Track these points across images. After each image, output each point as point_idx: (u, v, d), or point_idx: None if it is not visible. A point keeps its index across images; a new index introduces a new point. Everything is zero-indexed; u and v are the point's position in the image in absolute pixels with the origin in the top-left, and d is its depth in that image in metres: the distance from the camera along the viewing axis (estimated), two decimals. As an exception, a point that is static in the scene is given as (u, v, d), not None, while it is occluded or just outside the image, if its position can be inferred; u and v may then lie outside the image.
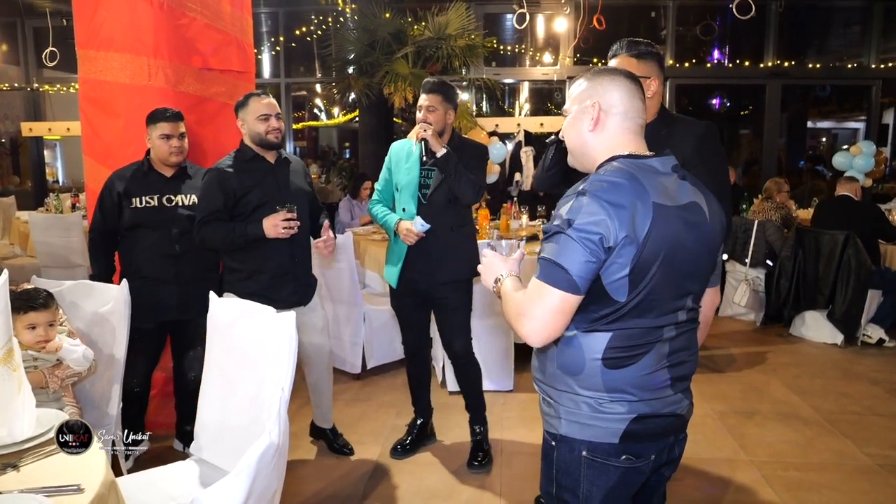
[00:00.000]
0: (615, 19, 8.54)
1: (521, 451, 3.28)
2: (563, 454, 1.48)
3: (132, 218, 2.89)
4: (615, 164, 1.42)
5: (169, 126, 2.87)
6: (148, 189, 2.90)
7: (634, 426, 1.42)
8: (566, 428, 1.46)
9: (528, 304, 1.37)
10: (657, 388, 1.45)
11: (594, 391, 1.42)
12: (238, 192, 2.78)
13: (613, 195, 1.33)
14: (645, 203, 1.34)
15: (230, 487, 1.19)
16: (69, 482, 1.42)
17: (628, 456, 1.44)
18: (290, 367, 1.82)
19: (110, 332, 2.61)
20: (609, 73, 1.51)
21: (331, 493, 2.89)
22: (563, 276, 1.32)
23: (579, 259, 1.31)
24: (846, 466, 3.15)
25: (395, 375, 4.30)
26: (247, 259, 2.81)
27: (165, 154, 2.89)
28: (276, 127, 2.80)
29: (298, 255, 2.91)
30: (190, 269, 2.93)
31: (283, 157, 2.93)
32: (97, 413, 2.58)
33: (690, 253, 1.43)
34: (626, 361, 1.42)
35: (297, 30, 8.73)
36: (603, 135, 1.48)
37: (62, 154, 11.20)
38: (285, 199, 2.75)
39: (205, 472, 2.10)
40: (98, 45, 3.18)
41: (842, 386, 4.25)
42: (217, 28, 3.38)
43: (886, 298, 5.04)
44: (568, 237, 1.32)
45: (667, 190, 1.41)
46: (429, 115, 2.85)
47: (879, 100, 8.99)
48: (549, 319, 1.35)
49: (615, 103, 1.47)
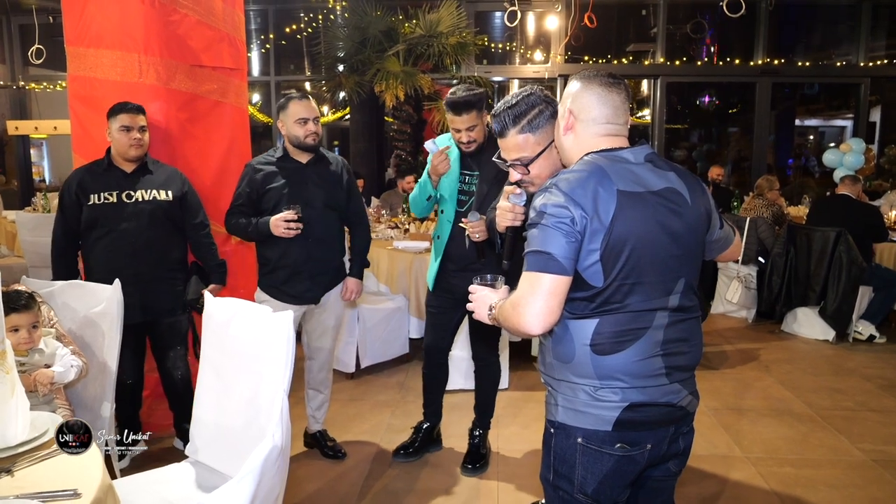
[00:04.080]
0: (606, 17, 8.55)
1: (517, 450, 3.27)
2: (560, 441, 1.52)
3: (89, 215, 2.82)
4: (585, 159, 1.50)
5: (129, 118, 2.81)
6: (107, 185, 2.84)
7: (627, 414, 1.45)
8: (563, 415, 1.51)
9: (521, 297, 1.41)
10: (650, 376, 1.47)
11: (587, 378, 1.47)
12: (261, 189, 2.86)
13: (574, 186, 1.41)
14: (608, 190, 1.41)
15: (235, 492, 1.17)
16: (65, 487, 1.39)
17: (622, 444, 1.46)
18: (289, 367, 1.79)
19: (102, 334, 2.57)
20: (585, 79, 1.57)
21: (328, 494, 2.87)
22: (549, 260, 1.38)
23: (560, 241, 1.38)
24: (841, 462, 3.17)
25: (390, 375, 4.28)
26: (269, 253, 2.91)
27: (125, 147, 2.82)
28: (313, 131, 2.84)
29: (315, 254, 2.90)
30: (151, 269, 2.87)
31: (320, 157, 2.95)
32: (90, 415, 2.54)
33: (674, 236, 1.47)
34: (616, 347, 1.45)
35: (287, 27, 8.67)
36: (574, 139, 1.57)
37: (49, 153, 11.06)
38: (300, 201, 2.80)
39: (201, 475, 2.07)
40: (88, 42, 3.14)
41: (834, 382, 4.27)
42: (209, 24, 3.34)
43: (877, 295, 5.08)
44: (544, 226, 1.40)
45: (637, 177, 1.46)
46: (470, 134, 2.70)
47: (868, 98, 9.06)
48: (543, 304, 1.38)
49: (585, 108, 1.54)
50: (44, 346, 2.28)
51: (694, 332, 1.55)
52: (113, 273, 2.66)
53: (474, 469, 3.04)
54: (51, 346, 2.30)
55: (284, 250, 2.86)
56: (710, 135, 12.75)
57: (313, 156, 2.93)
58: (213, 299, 2.17)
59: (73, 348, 2.39)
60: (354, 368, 4.21)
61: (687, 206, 1.50)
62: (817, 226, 5.20)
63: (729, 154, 11.59)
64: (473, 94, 2.65)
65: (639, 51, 9.43)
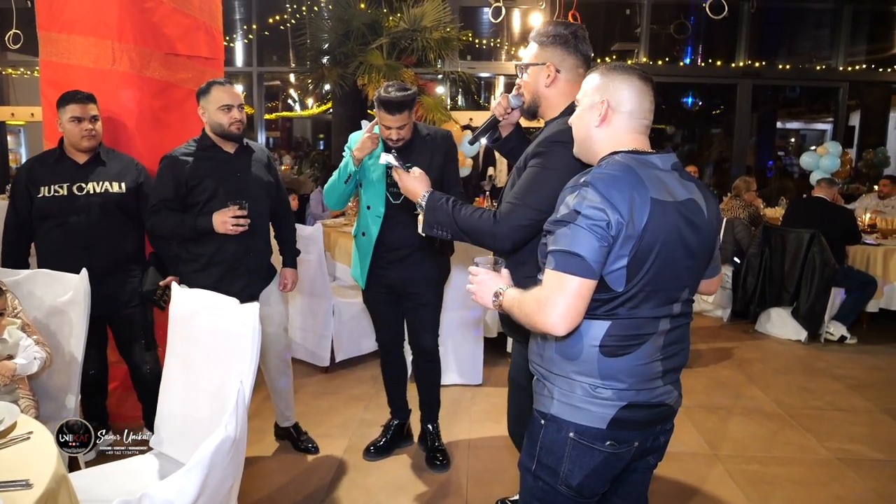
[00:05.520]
0: (590, 15, 8.56)
1: (489, 445, 3.29)
2: (551, 433, 1.52)
3: (40, 208, 2.75)
4: (617, 158, 1.47)
5: (79, 108, 2.74)
6: (57, 177, 2.76)
7: (623, 413, 1.46)
8: (557, 408, 1.50)
9: (548, 296, 1.38)
10: (649, 379, 1.49)
11: (588, 376, 1.47)
12: (190, 182, 2.69)
13: (613, 187, 1.38)
14: (643, 197, 1.39)
15: (183, 481, 1.16)
16: (18, 477, 1.37)
17: (612, 442, 1.48)
18: (253, 359, 1.79)
19: (69, 323, 2.53)
20: (623, 70, 1.55)
21: (296, 488, 2.86)
22: (580, 263, 1.36)
23: (593, 245, 1.36)
24: (807, 460, 3.21)
25: (364, 369, 4.27)
26: (200, 249, 2.73)
27: (77, 138, 2.75)
28: (237, 118, 2.70)
29: (254, 247, 2.79)
30: (103, 262, 2.78)
31: (245, 147, 2.83)
32: (54, 405, 2.51)
33: (689, 248, 1.47)
34: (623, 351, 1.46)
35: (271, 18, 8.60)
36: (608, 131, 1.54)
37: (26, 140, 10.90)
38: (239, 194, 2.67)
39: (164, 466, 2.06)
40: (60, 27, 3.09)
41: (805, 381, 4.33)
42: (185, 13, 3.30)
43: (849, 296, 5.15)
44: (577, 226, 1.37)
45: (666, 186, 1.45)
46: (400, 132, 2.68)
47: (846, 102, 9.18)
48: (571, 306, 1.36)
49: (623, 101, 1.52)
50: (7, 337, 2.25)
51: (687, 335, 1.60)
52: (66, 266, 2.58)
53: (441, 466, 3.04)
54: (14, 336, 2.27)
55: (221, 245, 2.70)
56: (693, 135, 12.87)
57: (239, 145, 2.80)
58: (181, 291, 2.15)
59: (38, 338, 2.36)
60: (329, 362, 4.20)
61: (704, 219, 1.51)
62: (792, 227, 5.26)
63: (711, 155, 11.70)
64: (407, 94, 2.62)
65: (623, 50, 9.47)
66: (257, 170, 2.84)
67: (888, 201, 6.78)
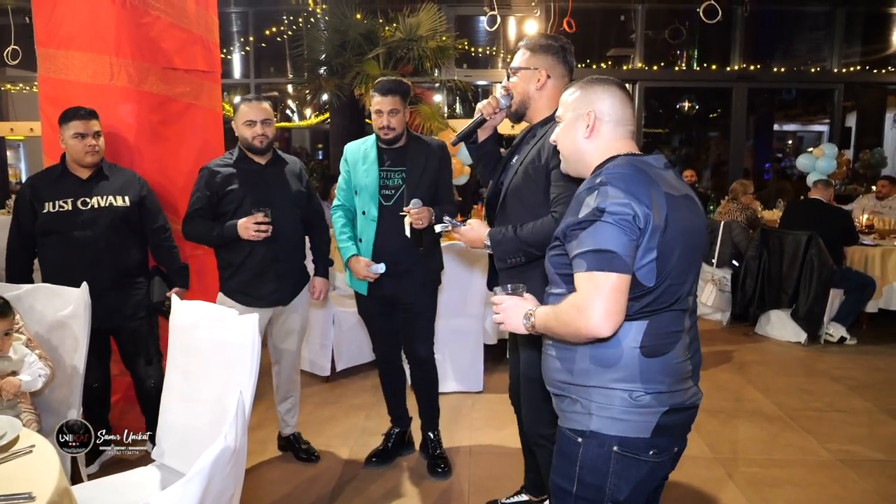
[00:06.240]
0: (585, 22, 8.62)
1: (490, 452, 3.29)
2: (592, 450, 1.47)
3: (44, 223, 2.78)
4: (619, 161, 1.49)
5: (82, 124, 2.76)
6: (61, 192, 2.79)
7: (665, 419, 1.45)
8: (597, 423, 1.46)
9: (585, 299, 1.36)
10: (683, 378, 1.50)
11: (629, 383, 1.44)
12: (220, 191, 2.84)
13: (631, 183, 1.40)
14: (657, 191, 1.42)
15: (183, 491, 1.18)
16: (20, 490, 1.39)
17: (655, 451, 1.46)
18: (253, 369, 1.80)
19: (70, 337, 2.54)
20: (601, 82, 1.59)
21: (297, 498, 2.86)
22: (613, 258, 1.35)
23: (622, 240, 1.36)
24: (807, 462, 3.22)
25: (365, 378, 4.28)
26: (232, 255, 2.88)
27: (80, 154, 2.78)
28: (260, 133, 2.84)
29: (281, 255, 2.89)
30: (109, 276, 2.80)
31: (277, 159, 2.96)
32: (56, 419, 2.50)
33: (699, 240, 1.52)
34: (662, 349, 1.45)
35: (268, 30, 8.65)
36: (598, 141, 1.57)
37: (26, 155, 10.94)
38: (265, 203, 2.79)
39: (166, 478, 2.07)
40: (58, 44, 3.12)
41: (804, 383, 4.33)
42: (181, 27, 3.33)
43: (848, 298, 5.17)
44: (605, 223, 1.36)
45: (668, 182, 1.49)
46: (391, 119, 2.79)
47: (842, 103, 9.21)
48: (613, 303, 1.34)
49: (607, 111, 1.56)
50: (12, 353, 2.26)
51: (698, 333, 1.62)
52: (71, 280, 2.60)
53: (443, 473, 3.04)
54: (19, 353, 2.28)
55: (249, 252, 2.85)
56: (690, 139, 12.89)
57: (271, 157, 2.94)
58: (180, 302, 2.16)
59: (40, 352, 2.37)
60: (329, 372, 4.21)
61: (700, 213, 1.56)
62: (790, 229, 5.28)
63: (709, 158, 11.72)
64: (401, 83, 2.83)
65: (618, 56, 9.51)
66: (287, 180, 2.95)
67: (886, 202, 6.80)
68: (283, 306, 2.98)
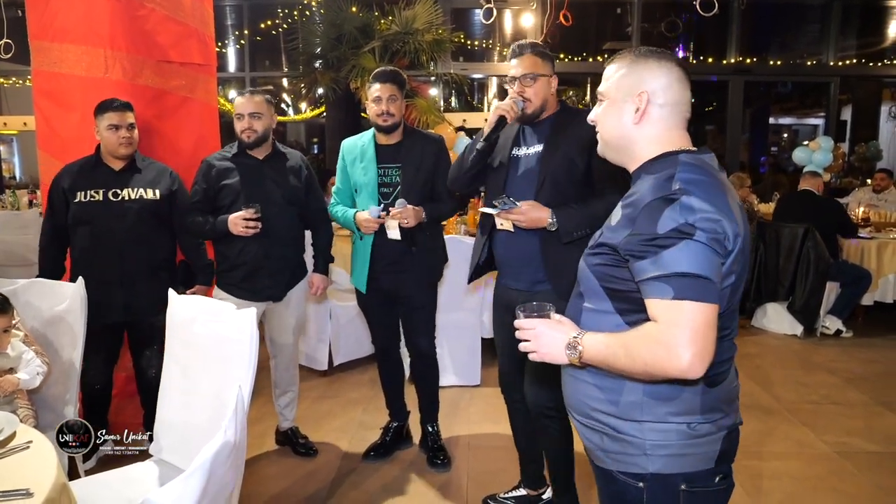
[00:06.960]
0: (581, 15, 8.58)
1: (488, 445, 3.29)
2: (656, 494, 1.31)
3: (75, 213, 2.79)
4: (685, 160, 1.27)
5: (117, 116, 2.77)
6: (94, 183, 2.80)
7: (724, 445, 1.33)
8: (658, 464, 1.29)
9: (674, 335, 1.15)
10: (735, 399, 1.39)
11: (687, 415, 1.29)
12: (216, 185, 2.85)
13: (714, 194, 1.19)
14: (735, 204, 1.25)
15: (183, 487, 1.17)
16: (18, 486, 1.38)
17: (721, 476, 1.34)
18: (251, 364, 1.79)
19: (67, 332, 2.54)
20: (657, 56, 1.34)
21: (296, 492, 2.86)
22: (706, 286, 1.15)
23: (714, 263, 1.16)
24: (805, 454, 3.23)
25: (362, 372, 4.28)
26: (226, 251, 2.89)
27: (114, 145, 2.79)
28: (247, 126, 2.82)
29: (273, 251, 2.88)
30: (137, 269, 2.81)
31: (277, 153, 2.94)
32: (53, 416, 2.50)
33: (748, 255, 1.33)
34: (723, 376, 1.33)
35: (263, 23, 8.61)
36: (649, 129, 1.33)
37: (19, 149, 10.88)
38: (258, 198, 2.78)
39: (164, 473, 2.06)
40: (52, 36, 3.09)
41: (801, 376, 4.35)
42: (177, 20, 3.30)
43: (844, 290, 5.18)
44: (696, 242, 1.15)
45: (731, 188, 1.31)
46: (390, 105, 2.78)
47: (838, 96, 9.22)
48: (707, 340, 1.14)
49: (661, 91, 1.32)
50: (10, 350, 2.25)
51: None
52: (99, 271, 2.67)
53: (442, 465, 3.05)
54: (17, 349, 2.27)
55: (242, 248, 2.84)
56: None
57: (270, 151, 2.92)
58: (177, 297, 2.16)
59: (36, 348, 2.36)
60: (327, 366, 4.21)
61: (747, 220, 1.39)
62: (783, 222, 5.30)
63: (704, 152, 11.73)
64: (399, 72, 2.86)
65: (614, 48, 9.50)
66: (284, 176, 2.93)
67: (882, 195, 6.81)
68: (277, 302, 2.97)
